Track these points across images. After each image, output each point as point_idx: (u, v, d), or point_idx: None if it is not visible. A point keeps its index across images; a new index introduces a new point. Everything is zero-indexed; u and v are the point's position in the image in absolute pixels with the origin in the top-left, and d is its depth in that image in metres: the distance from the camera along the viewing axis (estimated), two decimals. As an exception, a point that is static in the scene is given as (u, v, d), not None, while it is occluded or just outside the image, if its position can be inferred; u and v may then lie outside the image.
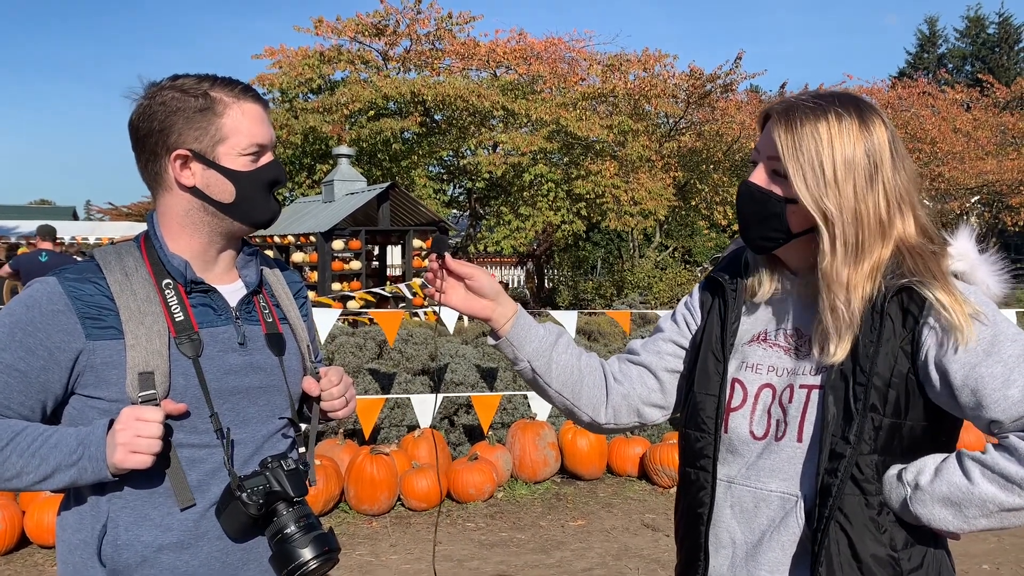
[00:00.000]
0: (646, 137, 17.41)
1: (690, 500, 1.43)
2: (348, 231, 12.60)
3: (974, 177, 18.80)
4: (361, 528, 4.95)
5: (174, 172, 1.43)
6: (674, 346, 1.55)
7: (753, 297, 1.44)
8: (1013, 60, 43.42)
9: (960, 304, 1.23)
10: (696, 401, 1.43)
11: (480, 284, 1.46)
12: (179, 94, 1.41)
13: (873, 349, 1.25)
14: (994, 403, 1.20)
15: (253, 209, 1.46)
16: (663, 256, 20.23)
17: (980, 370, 1.21)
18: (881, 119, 1.31)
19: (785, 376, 1.36)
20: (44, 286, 1.38)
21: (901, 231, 1.31)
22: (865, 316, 1.27)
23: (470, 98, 15.57)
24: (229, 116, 1.42)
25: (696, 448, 1.42)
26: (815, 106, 1.30)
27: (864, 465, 1.26)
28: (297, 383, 1.55)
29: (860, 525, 1.26)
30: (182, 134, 1.41)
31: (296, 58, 17.06)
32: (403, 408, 6.07)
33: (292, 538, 1.36)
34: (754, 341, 1.42)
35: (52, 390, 1.38)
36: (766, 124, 1.37)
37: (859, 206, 1.28)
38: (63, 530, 1.44)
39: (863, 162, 1.28)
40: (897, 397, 1.25)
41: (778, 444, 1.34)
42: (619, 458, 5.88)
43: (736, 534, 1.37)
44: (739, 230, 1.41)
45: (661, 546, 4.65)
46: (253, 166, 1.45)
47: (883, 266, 1.29)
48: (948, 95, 21.78)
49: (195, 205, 1.45)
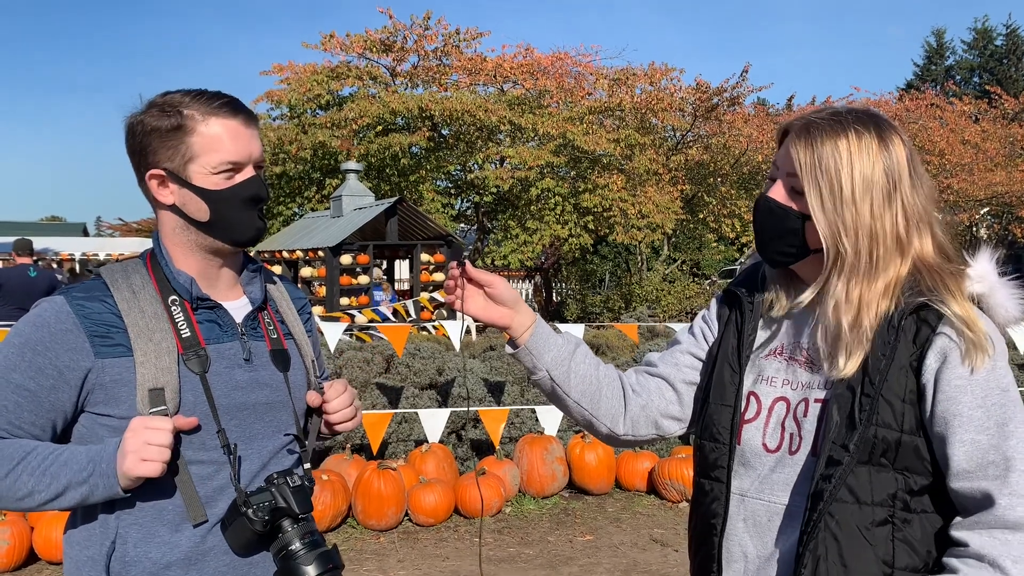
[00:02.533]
0: (653, 150, 17.44)
1: (704, 511, 1.43)
2: (356, 246, 12.64)
3: (983, 189, 18.73)
4: (368, 544, 4.94)
5: (153, 191, 1.44)
6: (692, 358, 1.55)
7: (770, 311, 1.44)
8: (1021, 71, 43.32)
9: (977, 322, 1.24)
10: (711, 412, 1.43)
11: (499, 292, 1.46)
12: (157, 112, 1.42)
13: (885, 363, 1.25)
14: (960, 443, 1.22)
15: (231, 227, 1.45)
16: (671, 269, 20.20)
17: (963, 399, 1.22)
18: (900, 137, 1.32)
19: (800, 390, 1.36)
20: (52, 305, 1.39)
21: (919, 249, 1.31)
22: (880, 331, 1.27)
23: (477, 113, 15.63)
24: (199, 134, 1.41)
25: (711, 459, 1.42)
26: (834, 123, 1.31)
27: (862, 475, 1.25)
28: (302, 399, 1.55)
29: (852, 534, 1.25)
30: (157, 153, 1.42)
31: (305, 74, 17.18)
32: (410, 423, 6.06)
33: (297, 555, 1.36)
34: (770, 355, 1.43)
35: (62, 409, 1.38)
36: (784, 140, 1.38)
37: (875, 224, 1.29)
38: (71, 547, 1.44)
39: (881, 180, 1.29)
40: (903, 412, 1.25)
41: (792, 458, 1.34)
42: (627, 473, 5.85)
43: (748, 548, 1.37)
44: (756, 244, 1.42)
45: (670, 561, 4.63)
46: (227, 184, 1.43)
47: (900, 283, 1.29)
48: (956, 107, 21.74)
49: (178, 223, 1.46)
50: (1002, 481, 1.20)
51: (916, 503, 1.27)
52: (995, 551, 1.18)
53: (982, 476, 1.22)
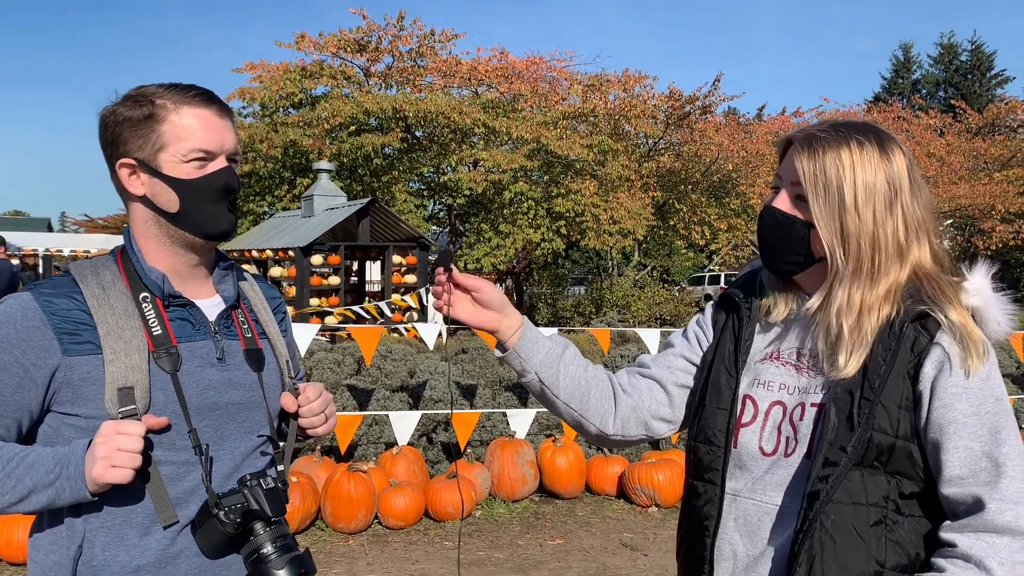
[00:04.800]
0: (625, 157, 17.55)
1: (696, 513, 1.44)
2: (327, 246, 12.55)
3: (947, 201, 19.12)
4: (338, 546, 4.89)
5: (124, 181, 1.42)
6: (685, 361, 1.57)
7: (767, 316, 1.46)
8: (985, 87, 44.29)
9: (974, 331, 1.27)
10: (707, 415, 1.45)
11: (487, 296, 1.46)
12: (130, 103, 1.40)
13: (885, 369, 1.28)
14: (954, 449, 1.25)
15: (201, 219, 1.42)
16: (641, 275, 20.33)
17: (959, 406, 1.25)
18: (900, 148, 1.36)
19: (796, 394, 1.38)
20: (18, 301, 1.35)
21: (918, 256, 1.35)
22: (881, 336, 1.30)
23: (451, 115, 15.62)
24: (170, 122, 1.39)
25: (705, 461, 1.43)
26: (836, 134, 1.34)
27: (855, 478, 1.28)
28: (276, 399, 1.53)
29: (847, 534, 1.27)
30: (128, 143, 1.39)
31: (277, 73, 17.04)
32: (381, 425, 6.02)
33: (268, 559, 1.34)
34: (767, 359, 1.44)
35: (28, 408, 1.35)
36: (787, 151, 1.41)
37: (878, 231, 1.32)
38: (36, 551, 1.40)
39: (883, 188, 1.32)
40: (899, 418, 1.28)
41: (787, 460, 1.36)
42: (598, 477, 5.86)
43: (738, 547, 1.39)
44: (762, 255, 1.44)
45: (639, 565, 4.64)
46: (199, 173, 1.40)
47: (900, 288, 1.33)
48: (922, 120, 22.20)
49: (149, 216, 1.43)
50: (992, 486, 1.23)
51: (906, 507, 1.30)
52: (982, 553, 1.21)
53: (974, 482, 1.25)
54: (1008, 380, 7.67)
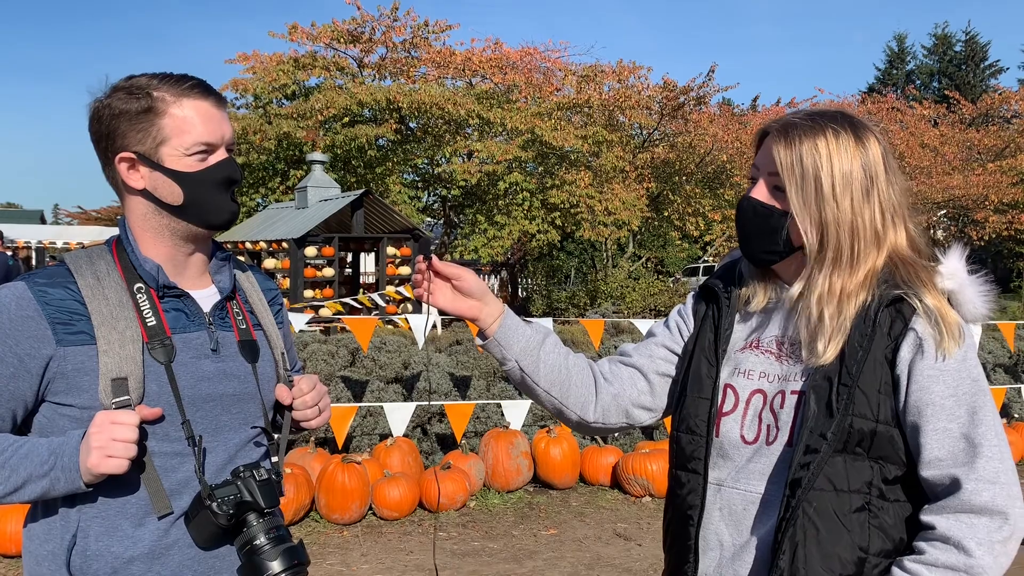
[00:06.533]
0: (620, 148, 17.53)
1: (680, 503, 1.45)
2: (321, 238, 12.53)
3: (941, 192, 19.15)
4: (332, 537, 4.90)
5: (123, 175, 1.41)
6: (666, 351, 1.58)
7: (747, 306, 1.47)
8: (979, 77, 44.33)
9: (949, 314, 1.29)
10: (688, 405, 1.45)
11: (467, 285, 1.46)
12: (124, 95, 1.38)
13: (862, 355, 1.30)
14: (932, 431, 1.26)
15: (205, 210, 1.42)
16: (636, 266, 20.34)
17: (935, 388, 1.27)
18: (874, 135, 1.37)
19: (776, 382, 1.39)
20: (12, 291, 1.35)
21: (894, 241, 1.37)
22: (857, 323, 1.32)
23: (446, 106, 15.58)
24: (170, 116, 1.38)
25: (687, 451, 1.44)
26: (812, 123, 1.35)
27: (838, 464, 1.29)
28: (271, 391, 1.53)
29: (830, 520, 1.28)
30: (126, 136, 1.38)
31: (271, 64, 16.96)
32: (375, 416, 6.03)
33: (261, 550, 1.34)
34: (746, 348, 1.45)
35: (22, 398, 1.35)
36: (763, 141, 1.41)
37: (855, 219, 1.34)
38: (30, 541, 1.41)
39: (860, 176, 1.34)
40: (879, 403, 1.29)
41: (769, 448, 1.36)
42: (592, 467, 5.88)
43: (724, 536, 1.39)
44: (740, 245, 1.45)
45: (633, 555, 4.66)
46: (201, 166, 1.40)
47: (876, 274, 1.34)
48: (916, 111, 22.21)
49: (149, 208, 1.42)
50: (969, 467, 1.25)
51: (890, 492, 1.31)
52: (960, 533, 1.23)
53: (952, 463, 1.26)
54: (1001, 370, 7.71)
